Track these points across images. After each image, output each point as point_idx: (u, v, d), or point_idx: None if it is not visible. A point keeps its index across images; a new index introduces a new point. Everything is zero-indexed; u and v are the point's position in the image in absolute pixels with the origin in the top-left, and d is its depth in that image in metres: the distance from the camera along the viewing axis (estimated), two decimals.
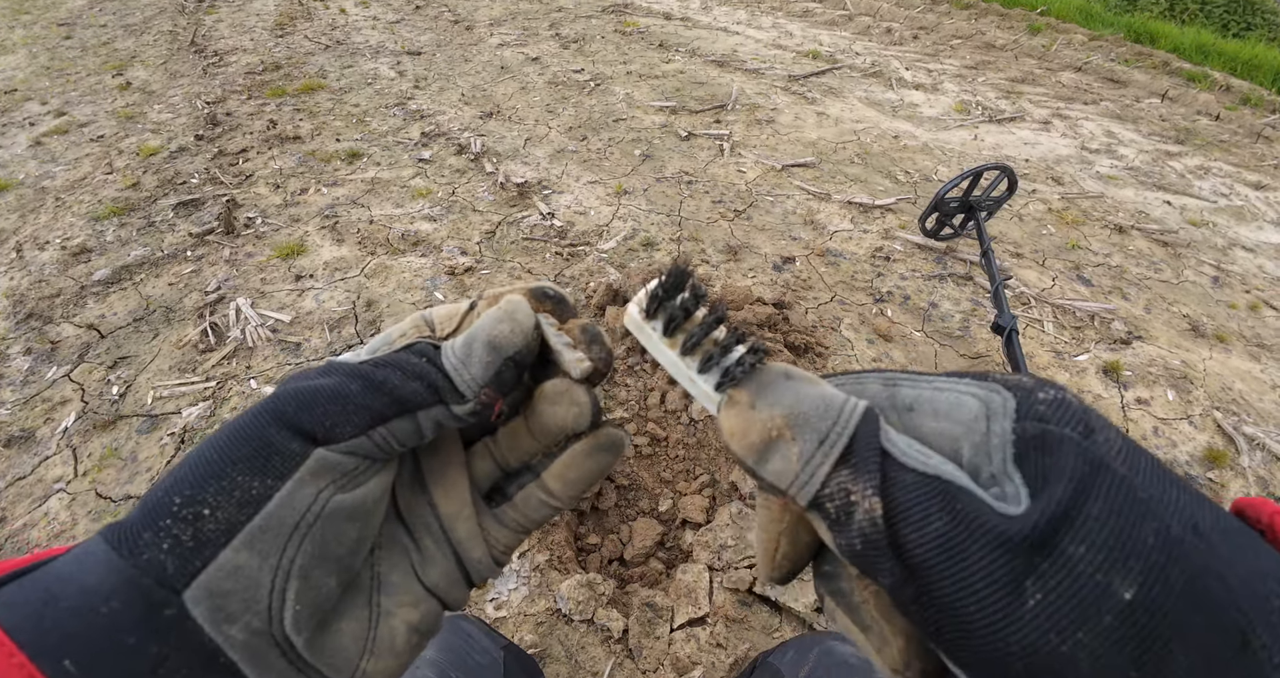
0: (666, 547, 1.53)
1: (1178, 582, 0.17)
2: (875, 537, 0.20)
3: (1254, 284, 2.67)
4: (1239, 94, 4.46)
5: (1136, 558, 0.17)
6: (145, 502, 0.23)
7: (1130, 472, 0.19)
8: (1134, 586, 0.17)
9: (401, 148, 3.33)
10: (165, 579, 0.21)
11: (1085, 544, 0.17)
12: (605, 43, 4.90)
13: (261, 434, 0.24)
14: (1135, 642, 0.16)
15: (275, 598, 0.23)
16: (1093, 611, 0.17)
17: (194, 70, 4.33)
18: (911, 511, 0.19)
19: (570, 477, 0.31)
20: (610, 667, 1.31)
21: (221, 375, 2.01)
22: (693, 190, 3.01)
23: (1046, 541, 0.17)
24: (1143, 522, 0.17)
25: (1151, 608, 0.16)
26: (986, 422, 0.20)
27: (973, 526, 0.18)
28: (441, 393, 0.26)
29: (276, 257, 2.52)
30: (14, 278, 2.46)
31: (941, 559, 0.18)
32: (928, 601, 0.19)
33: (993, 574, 0.18)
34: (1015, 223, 2.92)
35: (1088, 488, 0.18)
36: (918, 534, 0.19)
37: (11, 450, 1.81)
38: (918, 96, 4.20)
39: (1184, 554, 0.17)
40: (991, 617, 0.17)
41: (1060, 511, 0.18)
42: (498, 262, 2.51)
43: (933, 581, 0.18)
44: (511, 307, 0.29)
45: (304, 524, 0.24)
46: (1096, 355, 2.19)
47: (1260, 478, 1.84)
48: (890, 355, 2.14)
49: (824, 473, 0.21)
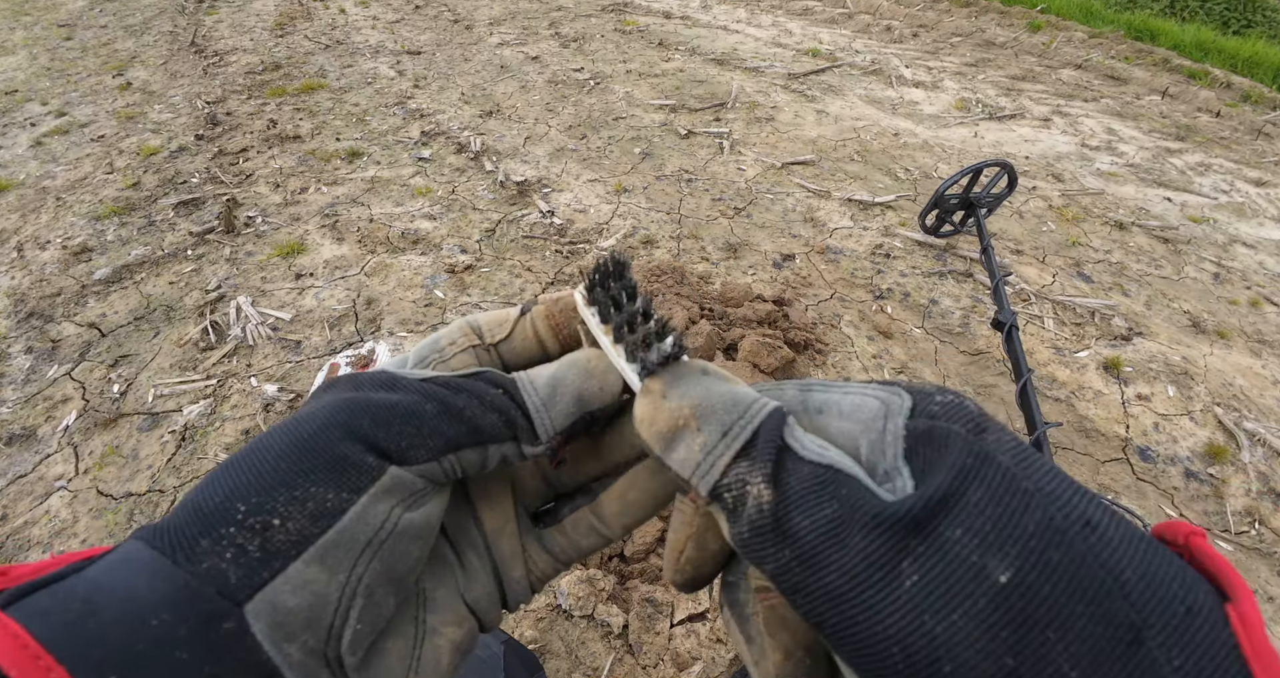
0: (664, 542, 1.53)
1: (1060, 568, 0.16)
2: (762, 523, 0.20)
3: (1254, 280, 2.67)
4: (1239, 91, 4.45)
5: (1014, 543, 0.17)
6: (195, 507, 0.22)
7: (1019, 467, 0.19)
8: (1010, 569, 0.16)
9: (401, 147, 3.34)
10: (227, 590, 0.20)
11: (962, 528, 0.17)
12: (605, 41, 4.90)
13: (335, 447, 0.23)
14: (1011, 626, 0.16)
15: (339, 617, 0.22)
16: (967, 592, 0.16)
17: (194, 70, 4.34)
18: (804, 498, 0.20)
19: (630, 497, 0.29)
20: (610, 662, 1.31)
21: (222, 374, 2.01)
22: (692, 188, 3.01)
23: (924, 524, 0.18)
24: (1025, 510, 0.17)
25: (1027, 592, 0.16)
26: (884, 420, 0.21)
27: (856, 510, 0.19)
28: (518, 430, 0.26)
29: (277, 255, 2.52)
30: (15, 277, 2.46)
31: (826, 543, 0.19)
32: (814, 587, 0.19)
33: (870, 556, 0.18)
34: (1015, 220, 2.92)
35: (970, 477, 0.18)
36: (808, 520, 0.19)
37: (13, 448, 1.81)
38: (918, 94, 4.19)
39: (1068, 542, 0.17)
40: (870, 598, 0.17)
41: (939, 495, 0.18)
42: (498, 260, 2.51)
43: (818, 565, 0.19)
44: (603, 367, 0.28)
45: (376, 541, 0.23)
46: (1097, 352, 2.19)
47: (1261, 473, 1.83)
48: (890, 352, 2.14)
49: (724, 463, 0.21)
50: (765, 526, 0.20)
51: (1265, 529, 1.71)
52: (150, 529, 0.22)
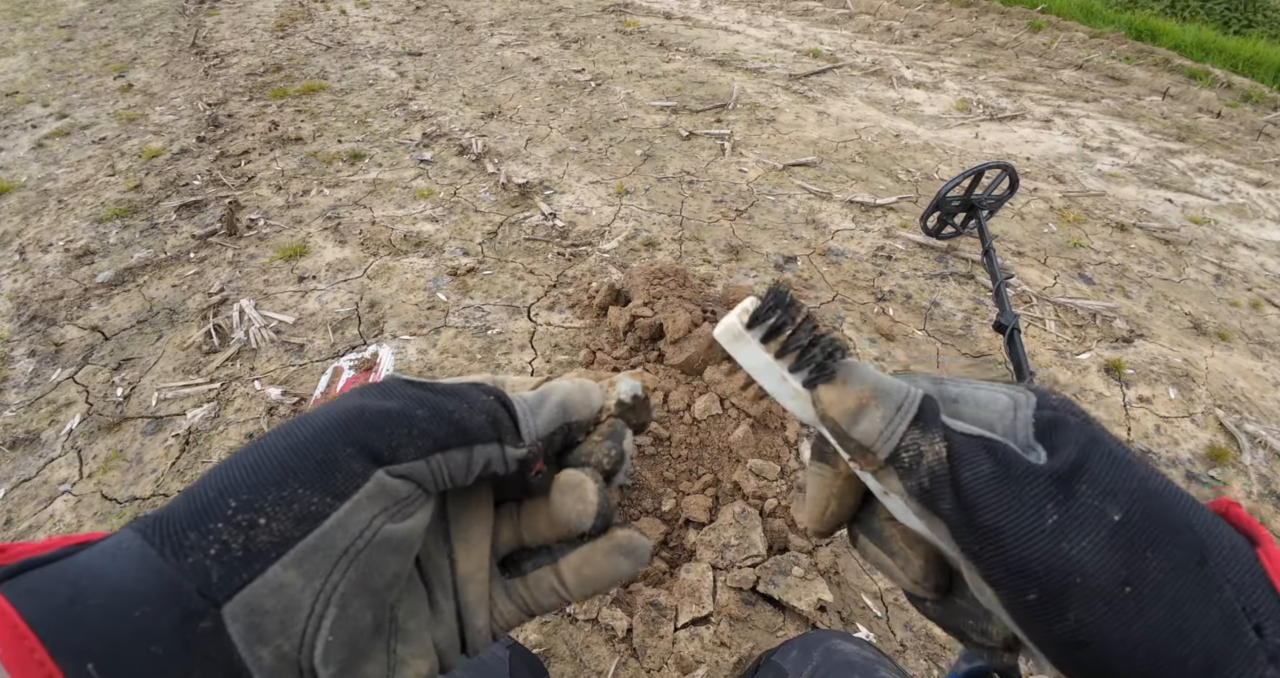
0: (670, 546, 1.54)
1: (1152, 512, 0.23)
2: (941, 473, 0.25)
3: (1256, 282, 2.67)
4: (1240, 91, 4.45)
5: (1124, 494, 0.24)
6: (190, 499, 0.22)
7: (1119, 447, 0.25)
8: (1121, 511, 0.23)
9: (403, 149, 3.34)
10: (208, 588, 0.20)
11: (1088, 484, 0.24)
12: (606, 43, 4.90)
13: (326, 448, 0.23)
14: (1123, 549, 0.23)
15: (311, 624, 0.22)
16: (1092, 526, 0.23)
17: (195, 72, 4.34)
18: (966, 457, 0.25)
19: (585, 574, 0.30)
20: (615, 666, 1.32)
21: (225, 377, 2.01)
22: (694, 190, 3.02)
23: (1063, 481, 0.24)
24: (1130, 473, 0.24)
25: (1132, 526, 0.23)
26: (1014, 411, 0.27)
27: (1011, 467, 0.25)
28: (502, 431, 0.27)
29: (279, 258, 2.52)
30: (18, 280, 2.47)
31: (989, 491, 0.24)
32: (975, 525, 0.24)
33: (1024, 501, 0.24)
34: (1017, 221, 2.92)
35: (1090, 451, 0.25)
36: (971, 473, 0.25)
37: (17, 452, 1.82)
38: (919, 95, 4.19)
39: (1158, 494, 0.24)
40: (1022, 531, 0.23)
41: (1072, 460, 0.24)
42: (500, 262, 2.51)
43: (980, 507, 0.24)
44: (589, 386, 0.32)
45: (353, 550, 0.23)
46: (1098, 354, 2.20)
47: (1262, 476, 1.84)
48: (892, 354, 2.15)
49: (902, 431, 0.26)
50: (943, 474, 0.25)
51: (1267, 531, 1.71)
52: (147, 519, 0.22)
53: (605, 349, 2.03)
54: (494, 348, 2.11)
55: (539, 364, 2.04)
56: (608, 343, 2.05)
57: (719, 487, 1.64)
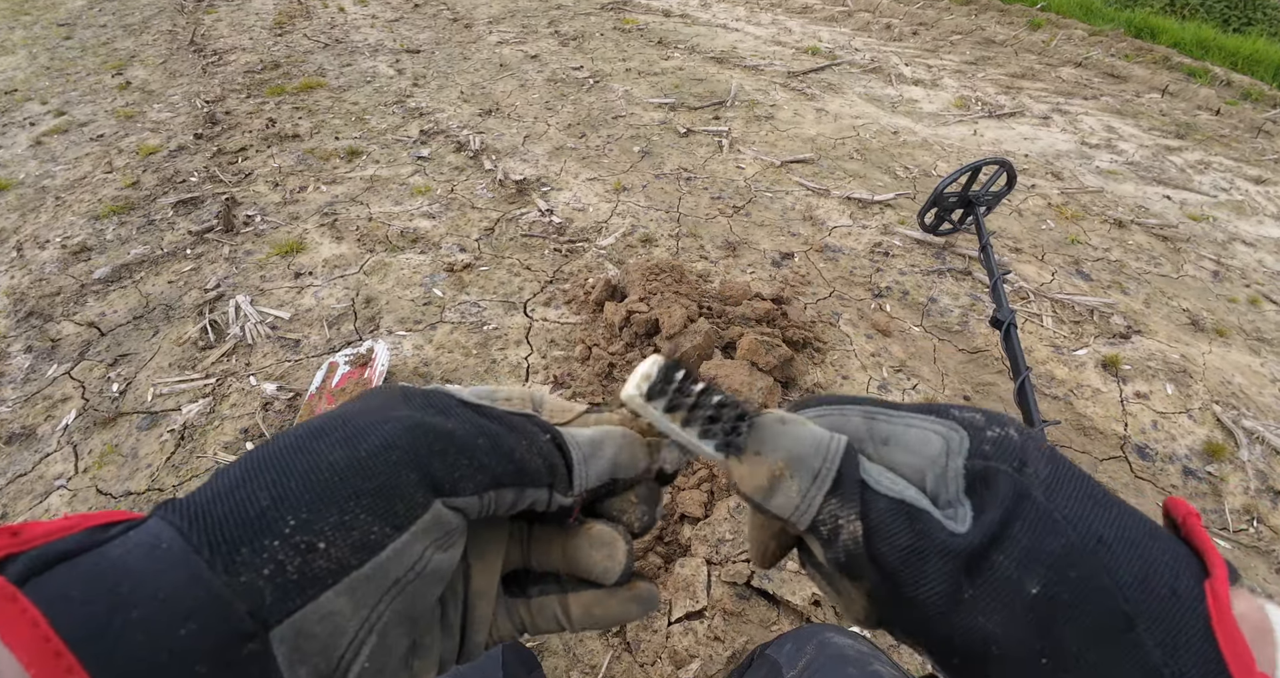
0: (664, 541, 1.54)
1: (1073, 581, 0.22)
2: (857, 552, 0.25)
3: (1254, 278, 2.67)
4: (1239, 89, 4.44)
5: (1042, 564, 0.23)
6: (236, 504, 0.21)
7: (1049, 498, 0.24)
8: (1039, 583, 0.23)
9: (400, 145, 3.33)
10: (260, 611, 0.19)
11: (1005, 555, 0.23)
12: (604, 40, 4.90)
13: (391, 472, 0.23)
14: (1040, 623, 0.22)
15: (351, 650, 0.22)
16: (1009, 600, 0.23)
17: (193, 69, 4.33)
18: (886, 529, 0.25)
19: (596, 613, 0.31)
20: (608, 660, 1.32)
21: (221, 372, 2.01)
22: (691, 187, 3.01)
23: (981, 553, 0.24)
24: (1052, 537, 0.23)
25: (1050, 598, 0.22)
26: (946, 458, 0.26)
27: (929, 540, 0.24)
28: (556, 479, 0.27)
29: (276, 254, 2.52)
30: (15, 276, 2.46)
31: (906, 566, 0.24)
32: (896, 597, 0.25)
33: (941, 576, 0.23)
34: (1014, 218, 2.91)
35: (1013, 515, 0.24)
36: (888, 547, 0.24)
37: (12, 447, 1.82)
38: (917, 92, 4.19)
39: (1082, 560, 0.23)
40: (940, 605, 0.23)
41: (991, 532, 0.24)
42: (496, 258, 2.51)
43: (900, 581, 0.24)
44: (638, 443, 0.31)
45: (404, 580, 0.23)
46: (1096, 350, 2.19)
47: (1259, 471, 1.84)
48: (889, 351, 2.14)
49: (818, 503, 0.26)
50: (859, 554, 0.25)
51: (1264, 527, 1.71)
52: (179, 513, 0.21)
53: (601, 345, 2.02)
54: (490, 344, 2.11)
55: (534, 360, 2.04)
56: (603, 338, 2.05)
57: (714, 482, 1.63)
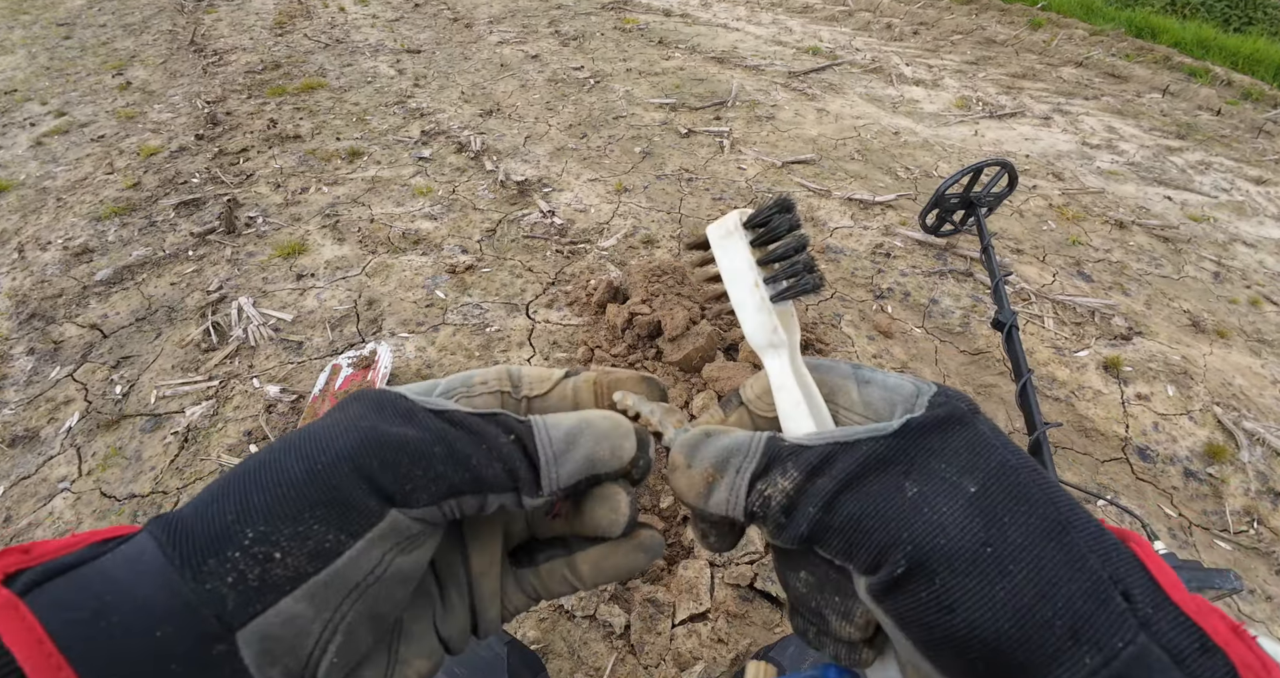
0: (668, 543, 1.54)
1: (1011, 486, 0.24)
2: (786, 504, 0.26)
3: (1255, 279, 2.67)
4: (1240, 89, 4.44)
5: (980, 471, 0.24)
6: (206, 517, 0.23)
7: (993, 433, 0.26)
8: (977, 484, 0.24)
9: (402, 146, 3.33)
10: (224, 615, 0.21)
11: (945, 462, 0.25)
12: (605, 40, 4.89)
13: (340, 485, 0.23)
14: (981, 518, 0.23)
15: (318, 649, 0.23)
16: (949, 495, 0.24)
17: (194, 70, 4.33)
18: (819, 469, 0.25)
19: (604, 567, 0.31)
20: (612, 662, 1.32)
21: (224, 375, 2.01)
22: (693, 187, 3.01)
23: (920, 462, 0.25)
24: (990, 454, 0.25)
25: (988, 497, 0.24)
26: (916, 397, 0.28)
27: (865, 455, 0.25)
28: (519, 482, 0.26)
29: (278, 256, 2.52)
30: (16, 278, 2.47)
31: (843, 491, 0.25)
32: (834, 525, 0.25)
33: (883, 485, 0.24)
34: (1016, 219, 2.92)
35: (956, 424, 0.26)
36: (826, 479, 0.25)
37: (16, 450, 1.82)
38: (918, 92, 4.19)
39: (1016, 472, 0.24)
40: (884, 508, 0.24)
41: (933, 420, 0.26)
42: (498, 260, 2.51)
43: (837, 507, 0.25)
44: (622, 432, 0.29)
45: (364, 584, 0.24)
46: (1097, 351, 2.20)
47: (1260, 473, 1.84)
48: (890, 352, 2.15)
49: (744, 488, 0.27)
50: (786, 504, 0.26)
51: (1264, 529, 1.71)
52: (163, 526, 0.23)
53: (603, 347, 2.03)
54: (492, 346, 2.11)
55: (537, 362, 2.04)
56: (606, 340, 2.05)
57: None
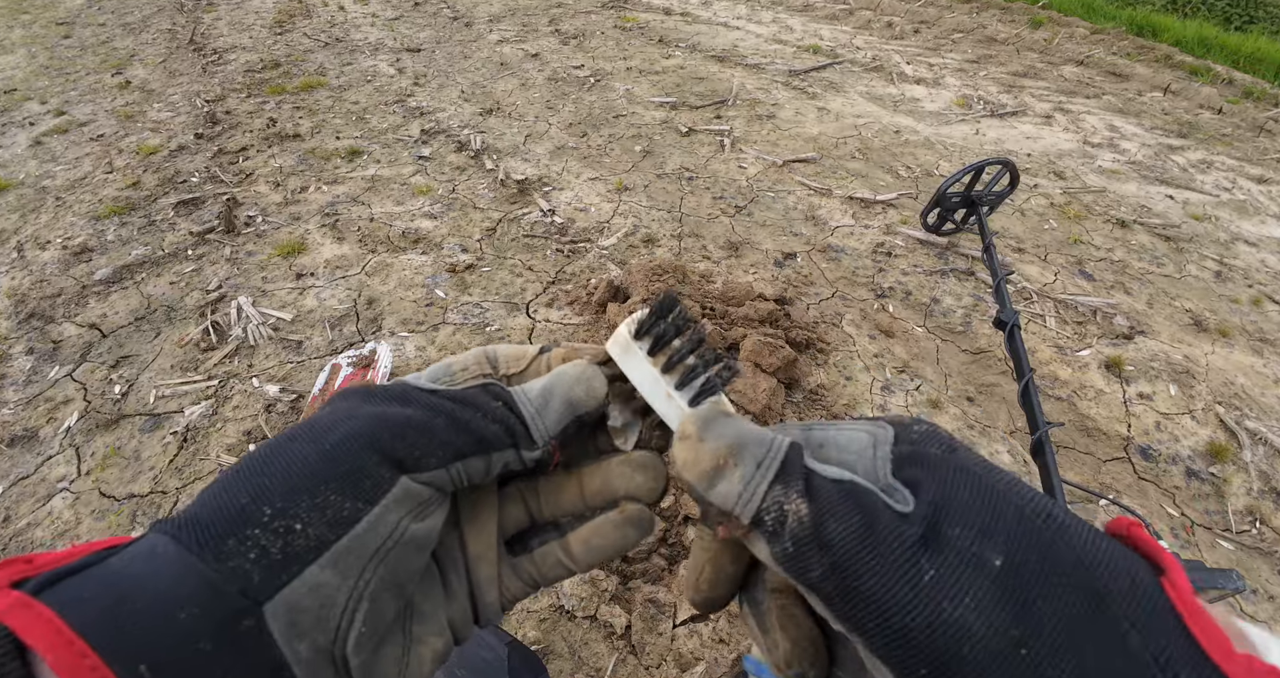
0: (669, 543, 1.53)
1: (1038, 547, 0.20)
2: (804, 536, 0.23)
3: (1257, 278, 2.66)
4: (1241, 88, 4.44)
5: (1001, 532, 0.21)
6: (221, 506, 0.23)
7: (987, 474, 0.23)
8: (1001, 554, 0.20)
9: (401, 145, 3.33)
10: (250, 589, 0.21)
11: (960, 526, 0.21)
12: (605, 38, 4.89)
13: (355, 457, 0.25)
14: (1010, 600, 0.20)
15: (345, 618, 0.23)
16: (973, 577, 0.20)
17: (193, 69, 4.32)
18: (835, 508, 0.23)
19: (595, 544, 0.32)
20: (613, 663, 1.32)
21: (223, 374, 2.01)
22: (693, 186, 3.01)
23: (932, 527, 0.21)
24: (1003, 504, 0.22)
25: (1017, 570, 0.20)
26: (873, 449, 0.25)
27: (879, 516, 0.22)
28: (516, 438, 0.28)
29: (277, 255, 2.52)
30: (15, 278, 2.46)
31: (859, 546, 0.21)
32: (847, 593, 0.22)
33: (898, 555, 0.21)
34: (1017, 218, 2.91)
35: (956, 484, 0.22)
36: (841, 526, 0.22)
37: (15, 450, 1.81)
38: (919, 91, 4.18)
39: (1038, 530, 0.21)
40: (899, 593, 0.20)
41: (937, 502, 0.22)
42: (499, 259, 2.51)
43: (852, 569, 0.21)
44: (589, 374, 0.31)
45: (384, 550, 0.24)
46: (1099, 350, 2.19)
47: (1262, 472, 1.83)
48: (892, 351, 2.14)
49: (762, 491, 0.24)
50: (805, 536, 0.23)
51: (1266, 528, 1.71)
52: (172, 524, 0.23)
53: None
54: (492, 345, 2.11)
55: None
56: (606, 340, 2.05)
57: None
